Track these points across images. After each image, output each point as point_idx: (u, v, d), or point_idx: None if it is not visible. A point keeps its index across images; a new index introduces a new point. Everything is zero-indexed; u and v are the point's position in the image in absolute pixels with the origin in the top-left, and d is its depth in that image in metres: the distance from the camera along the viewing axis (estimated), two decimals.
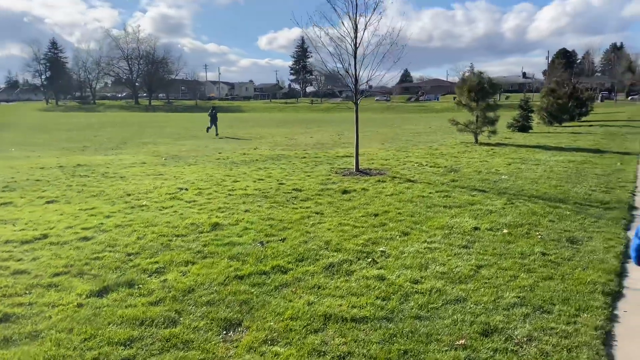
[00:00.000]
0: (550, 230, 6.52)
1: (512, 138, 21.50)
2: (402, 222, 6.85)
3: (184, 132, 28.68)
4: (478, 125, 18.82)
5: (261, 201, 8.26)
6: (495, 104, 19.01)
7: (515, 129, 25.78)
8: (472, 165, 12.73)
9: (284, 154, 15.51)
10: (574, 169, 12.12)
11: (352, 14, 10.72)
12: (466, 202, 8.17)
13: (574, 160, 13.67)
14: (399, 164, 13.27)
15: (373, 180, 10.39)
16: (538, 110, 31.45)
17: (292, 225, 6.66)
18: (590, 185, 9.86)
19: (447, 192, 9.11)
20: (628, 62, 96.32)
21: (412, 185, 9.87)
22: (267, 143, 20.63)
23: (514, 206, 7.90)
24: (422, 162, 13.36)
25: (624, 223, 6.97)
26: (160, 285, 4.56)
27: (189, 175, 11.12)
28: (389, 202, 8.19)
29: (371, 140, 21.42)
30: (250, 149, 17.90)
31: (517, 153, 15.54)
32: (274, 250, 5.53)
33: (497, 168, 12.22)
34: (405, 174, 11.39)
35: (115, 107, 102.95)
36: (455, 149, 16.83)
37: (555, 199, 8.48)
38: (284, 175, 11.02)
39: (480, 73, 18.77)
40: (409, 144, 19.19)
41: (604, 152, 15.52)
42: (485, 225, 6.70)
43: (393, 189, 9.36)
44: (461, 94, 19.14)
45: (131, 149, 17.99)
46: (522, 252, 5.56)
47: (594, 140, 19.58)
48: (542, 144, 18.62)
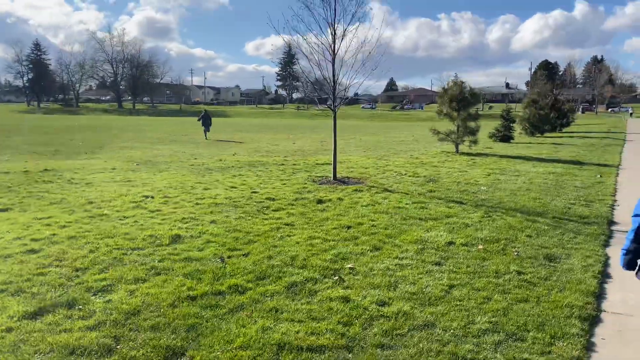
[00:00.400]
0: (528, 246, 6.26)
1: (494, 148, 21.44)
2: (374, 236, 6.54)
3: (164, 137, 28.12)
4: (459, 135, 18.69)
5: (230, 211, 7.88)
6: (477, 114, 18.91)
7: (497, 139, 25.81)
8: (452, 176, 12.52)
9: (263, 161, 15.14)
10: (553, 180, 11.98)
11: (330, 20, 10.44)
12: (443, 215, 7.90)
13: (554, 171, 13.55)
14: (379, 172, 13.00)
15: (350, 189, 10.08)
16: (520, 120, 31.64)
17: (259, 239, 6.29)
18: (569, 198, 9.69)
19: (424, 203, 8.84)
20: (608, 74, 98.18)
21: (389, 195, 9.58)
22: (247, 149, 20.23)
23: (491, 219, 7.65)
24: (401, 171, 13.11)
25: (603, 239, 6.76)
26: (103, 307, 4.16)
27: (159, 182, 10.69)
28: (364, 214, 7.88)
29: (354, 148, 21.18)
30: (229, 154, 17.48)
31: (498, 163, 15.40)
32: (234, 267, 5.16)
33: (477, 179, 12.02)
34: (383, 183, 11.11)
35: (99, 111, 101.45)
36: (435, 159, 16.65)
37: (533, 213, 8.26)
38: (259, 183, 10.65)
39: (461, 82, 18.66)
40: (391, 152, 18.97)
41: (584, 164, 15.48)
42: (460, 240, 6.42)
43: (369, 199, 9.06)
44: (442, 103, 19.01)
45: (105, 154, 17.44)
46: (497, 271, 5.28)
47: (574, 152, 19.61)
48: (523, 154, 18.56)
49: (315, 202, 8.76)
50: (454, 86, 18.79)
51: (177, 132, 34.19)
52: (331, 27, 10.45)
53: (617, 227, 7.59)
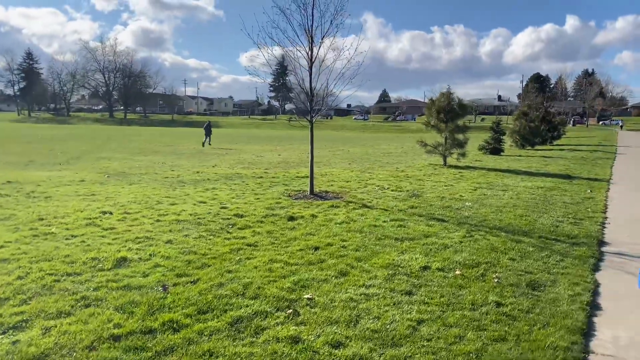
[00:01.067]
0: (510, 271, 5.70)
1: (483, 161, 21.00)
2: (343, 259, 5.95)
3: (147, 147, 27.47)
4: (447, 147, 18.23)
5: (191, 229, 7.27)
6: (465, 126, 18.47)
7: (487, 151, 25.41)
8: (436, 190, 11.99)
9: (241, 173, 14.54)
10: (542, 196, 11.48)
11: (307, 26, 9.94)
12: (421, 234, 7.34)
13: (542, 186, 13.07)
14: (360, 186, 12.44)
15: (326, 205, 9.51)
16: (511, 133, 31.35)
17: (214, 262, 5.69)
18: (557, 216, 9.17)
19: (402, 220, 8.28)
20: (599, 87, 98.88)
21: (367, 211, 9.01)
22: (230, 160, 19.63)
23: (472, 240, 7.09)
24: (384, 185, 12.57)
25: (592, 263, 6.22)
26: (6, 350, 3.53)
27: (125, 196, 10.06)
28: (336, 232, 7.30)
29: (339, 160, 20.65)
30: (208, 166, 16.87)
31: (485, 177, 14.91)
32: (176, 297, 4.55)
33: (462, 194, 11.50)
34: (363, 198, 10.55)
35: (89, 120, 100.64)
36: (422, 172, 16.14)
37: (519, 232, 7.72)
38: (231, 198, 10.05)
39: (449, 93, 18.23)
40: (376, 165, 18.45)
41: (574, 178, 15.03)
42: (436, 263, 5.85)
43: (345, 216, 8.49)
44: (430, 115, 18.57)
45: (80, 165, 16.77)
46: (473, 302, 4.70)
47: (564, 165, 19.19)
48: (512, 167, 18.11)
49: (287, 219, 8.18)
50: (442, 97, 18.37)
51: (163, 142, 33.55)
52: (308, 34, 9.94)
53: (608, 248, 7.07)
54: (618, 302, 4.95)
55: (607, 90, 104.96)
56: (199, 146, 28.92)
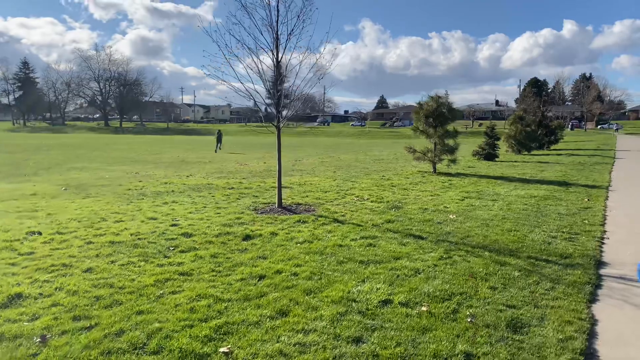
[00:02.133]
0: (489, 305, 4.70)
1: (476, 167, 20.03)
2: (289, 291, 4.95)
3: (131, 156, 26.51)
4: (436, 154, 17.26)
5: (124, 253, 6.27)
6: (455, 131, 17.50)
7: (481, 157, 24.48)
8: (420, 201, 11.00)
9: (213, 184, 13.54)
10: (535, 206, 10.50)
11: (273, 22, 9.00)
12: (391, 256, 6.34)
13: (536, 195, 12.08)
14: (339, 197, 11.46)
15: (292, 220, 8.51)
16: (506, 138, 30.43)
17: (129, 298, 4.69)
18: (551, 229, 8.18)
19: (374, 238, 7.28)
20: (597, 91, 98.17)
21: (337, 227, 8.02)
22: (210, 169, 18.65)
23: (450, 262, 6.10)
24: (364, 196, 11.58)
25: (589, 291, 5.22)
26: None
27: (70, 212, 9.05)
28: (293, 255, 6.31)
29: (325, 168, 19.67)
30: (182, 176, 15.89)
31: (476, 185, 13.93)
32: (51, 354, 3.55)
33: (447, 204, 10.51)
34: (337, 211, 9.55)
35: (84, 129, 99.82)
36: (409, 179, 15.16)
37: (505, 251, 6.73)
38: (187, 213, 9.05)
39: (438, 97, 17.29)
40: (362, 173, 17.46)
41: (571, 185, 14.04)
42: (401, 296, 4.86)
43: (309, 234, 7.49)
44: (418, 120, 17.62)
45: (46, 176, 15.79)
46: (436, 353, 3.70)
47: (561, 171, 18.22)
48: (505, 174, 17.13)
49: (242, 238, 7.18)
50: (431, 101, 17.42)
51: (151, 151, 32.62)
52: (272, 31, 8.99)
53: (607, 270, 6.07)
54: (620, 350, 3.95)
55: (605, 94, 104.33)
56: (184, 154, 28.00)
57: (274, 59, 9.21)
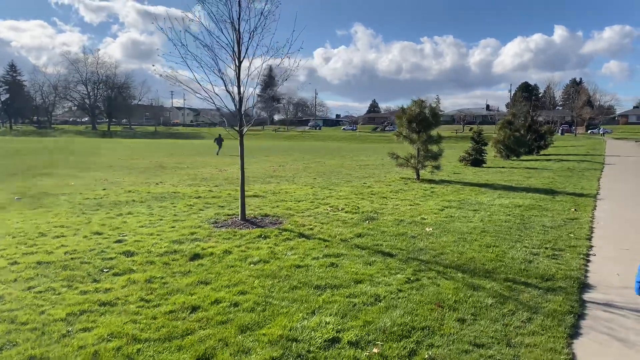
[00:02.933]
0: (453, 344, 4.02)
1: (462, 174, 19.42)
2: (221, 328, 4.23)
3: (106, 161, 25.64)
4: (419, 160, 16.61)
5: (47, 276, 5.51)
6: (439, 136, 16.87)
7: (468, 162, 23.89)
8: (397, 211, 10.32)
9: (180, 192, 12.77)
10: (518, 217, 9.86)
11: (235, 18, 8.30)
12: (352, 279, 5.64)
13: (521, 204, 11.46)
14: (312, 207, 10.75)
15: (253, 235, 7.78)
16: (494, 143, 29.94)
17: (26, 338, 3.94)
18: (533, 245, 7.54)
19: (338, 257, 6.58)
20: (587, 96, 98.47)
21: (301, 243, 7.31)
22: (183, 175, 17.86)
23: (417, 286, 5.41)
24: (339, 206, 10.89)
25: (570, 323, 4.56)
26: None
27: (10, 226, 8.26)
28: (241, 279, 5.58)
29: (306, 174, 18.96)
30: (152, 183, 15.11)
31: (459, 193, 13.28)
32: None
33: (426, 215, 9.84)
34: (306, 223, 8.84)
35: (72, 132, 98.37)
36: (390, 187, 14.49)
37: (480, 272, 6.06)
38: (138, 227, 8.29)
39: (421, 101, 16.66)
40: (344, 180, 16.78)
41: (558, 193, 13.45)
42: (351, 333, 4.15)
43: (268, 252, 6.78)
44: (401, 125, 16.97)
45: (7, 183, 14.93)
46: None
47: (549, 178, 17.65)
48: (491, 181, 16.53)
49: (189, 257, 6.44)
50: (414, 105, 16.79)
51: (131, 155, 31.73)
52: (234, 26, 8.29)
53: (593, 295, 5.42)
54: None
55: (594, 99, 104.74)
56: (164, 159, 27.19)
57: (234, 59, 8.50)
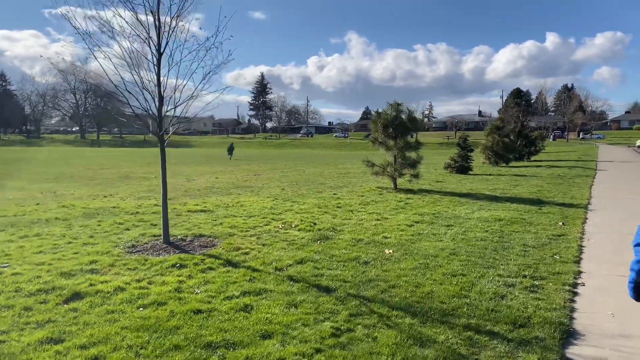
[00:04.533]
0: None
1: (445, 182, 18.09)
2: None
3: (69, 172, 24.18)
4: (396, 168, 15.26)
5: None
6: (417, 142, 15.55)
7: (454, 170, 22.58)
8: (360, 227, 8.95)
9: (120, 207, 11.32)
10: (497, 234, 8.51)
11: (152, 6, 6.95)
12: (259, 332, 4.24)
13: (502, 217, 10.12)
14: (262, 224, 9.36)
15: (167, 263, 6.36)
16: (482, 149, 28.72)
17: None
18: (509, 272, 6.18)
19: (260, 294, 5.19)
20: (578, 102, 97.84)
21: (222, 275, 5.91)
22: (142, 187, 16.43)
23: (345, 341, 4.02)
24: (294, 222, 9.50)
25: None
26: None
27: None
28: (109, 333, 4.17)
29: (278, 184, 17.57)
30: (100, 196, 13.67)
31: (435, 205, 11.93)
32: None
33: (390, 233, 8.46)
34: (243, 246, 7.44)
35: (60, 142, 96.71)
36: (362, 198, 13.12)
37: (437, 314, 4.68)
38: (33, 254, 6.84)
39: (398, 105, 15.34)
40: (314, 190, 15.40)
41: (545, 204, 12.12)
42: None
43: (171, 289, 5.37)
44: (376, 130, 15.65)
45: None
46: None
47: (537, 186, 16.34)
48: (474, 190, 15.20)
49: (64, 299, 5.02)
50: (389, 109, 15.48)
51: (102, 165, 30.26)
52: (154, 16, 6.94)
53: (579, 350, 4.05)
54: None
55: (586, 104, 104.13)
56: (135, 169, 25.77)
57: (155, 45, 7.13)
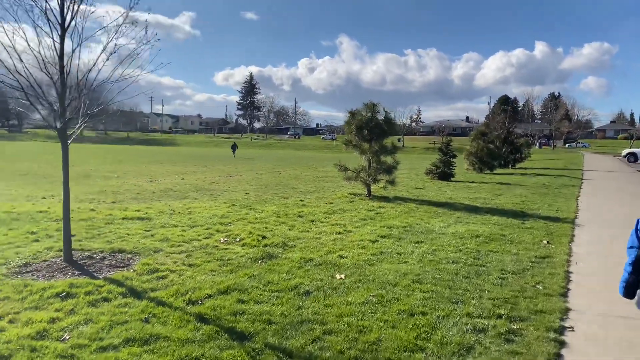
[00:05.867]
0: None
1: (424, 189, 16.93)
2: None
3: (31, 169, 22.64)
4: (370, 173, 14.06)
5: None
6: (394, 146, 14.36)
7: (435, 176, 21.46)
8: (315, 243, 7.70)
9: (44, 212, 9.91)
10: (472, 254, 7.32)
11: None
12: None
13: (480, 233, 8.94)
14: (203, 236, 8.06)
15: (50, 291, 5.02)
16: (467, 155, 27.74)
17: None
18: (481, 310, 4.97)
19: (148, 344, 3.91)
20: (565, 110, 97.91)
21: (116, 309, 4.61)
22: (93, 187, 15.03)
23: None
24: (241, 234, 8.22)
25: None
26: None
27: None
28: None
29: (247, 186, 16.25)
30: (38, 197, 12.24)
31: (408, 216, 10.73)
32: None
33: (349, 251, 7.23)
34: (163, 266, 6.14)
35: (41, 137, 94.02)
36: (329, 206, 11.87)
37: None
38: None
39: (373, 105, 14.13)
40: (280, 195, 14.13)
41: (529, 217, 11.00)
42: None
43: (30, 333, 4.07)
44: (349, 132, 14.43)
45: None
46: None
47: (521, 196, 15.24)
48: (454, 199, 14.04)
49: None
50: (364, 109, 14.27)
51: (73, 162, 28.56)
52: None
53: None
54: None
55: (573, 113, 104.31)
56: (102, 166, 24.27)
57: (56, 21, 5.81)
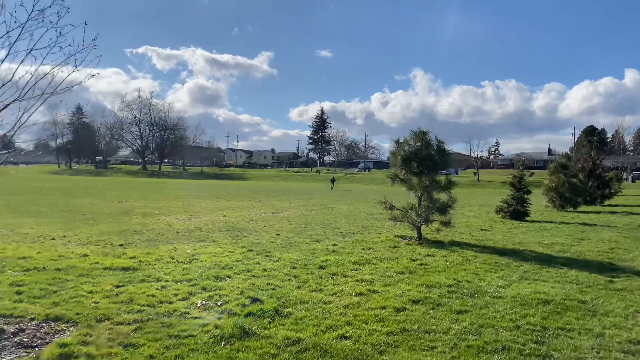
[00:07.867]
0: None
1: (491, 231, 14.53)
2: None
3: (69, 206, 22.85)
4: (420, 213, 12.03)
5: None
6: (449, 181, 12.28)
7: (506, 215, 18.80)
8: (320, 310, 5.94)
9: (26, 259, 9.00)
10: (534, 334, 5.20)
11: None
12: None
13: (549, 298, 6.71)
14: (180, 297, 6.63)
15: None
16: (546, 190, 24.55)
17: None
18: None
19: None
20: None
21: None
22: (123, 226, 14.30)
23: None
24: (230, 294, 6.67)
25: None
26: None
27: None
28: None
29: (286, 224, 14.80)
30: (48, 237, 11.55)
31: (461, 268, 8.63)
32: None
33: (357, 327, 5.40)
34: (84, 349, 4.69)
35: (122, 172, 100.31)
36: (365, 252, 10.02)
37: None
38: None
39: (423, 133, 12.23)
40: (313, 238, 12.45)
41: (620, 272, 8.48)
42: None
43: None
44: (395, 164, 12.59)
45: None
46: None
47: (609, 242, 12.44)
48: (524, 245, 11.61)
49: None
50: (413, 138, 12.41)
51: (122, 197, 29.03)
52: None
53: None
54: None
55: None
56: (152, 203, 24.09)
57: None
